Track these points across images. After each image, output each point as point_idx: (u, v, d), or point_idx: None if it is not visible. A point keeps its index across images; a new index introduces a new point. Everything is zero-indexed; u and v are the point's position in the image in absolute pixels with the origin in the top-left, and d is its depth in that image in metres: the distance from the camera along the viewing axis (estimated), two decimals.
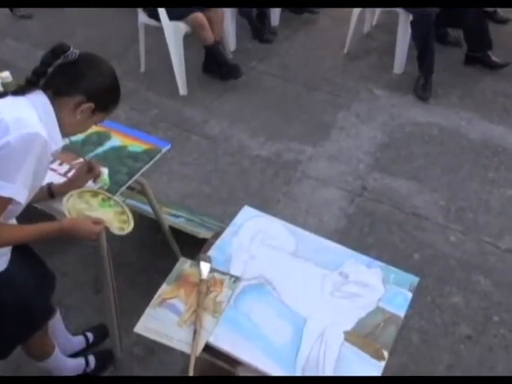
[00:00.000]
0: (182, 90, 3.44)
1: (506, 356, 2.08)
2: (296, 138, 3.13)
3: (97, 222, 1.45)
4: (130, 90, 3.38)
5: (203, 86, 3.53)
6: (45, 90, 1.33)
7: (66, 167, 1.72)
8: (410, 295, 1.38)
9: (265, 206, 2.66)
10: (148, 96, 3.43)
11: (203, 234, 2.08)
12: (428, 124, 3.25)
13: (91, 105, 1.35)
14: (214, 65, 3.52)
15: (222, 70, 3.50)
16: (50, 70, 1.33)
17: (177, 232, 2.20)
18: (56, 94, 1.33)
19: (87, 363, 1.92)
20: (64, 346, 1.88)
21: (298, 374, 1.19)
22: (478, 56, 3.63)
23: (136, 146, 1.84)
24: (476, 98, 3.45)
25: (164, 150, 1.86)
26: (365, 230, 2.58)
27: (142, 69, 3.63)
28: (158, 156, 1.83)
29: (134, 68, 3.62)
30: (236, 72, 3.49)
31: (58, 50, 1.32)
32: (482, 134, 3.18)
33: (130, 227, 1.53)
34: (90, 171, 1.59)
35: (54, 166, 1.71)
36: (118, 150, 1.82)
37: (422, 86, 3.43)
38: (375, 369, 1.22)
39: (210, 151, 3.03)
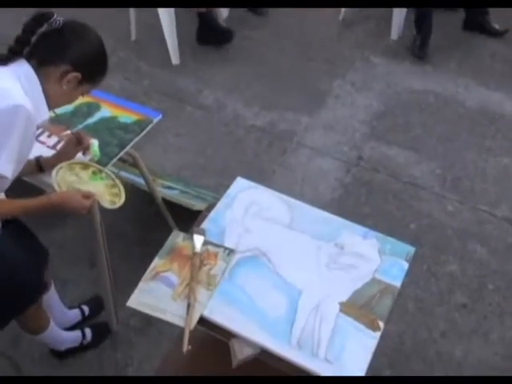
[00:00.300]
0: (175, 59, 3.36)
1: (500, 324, 2.08)
2: (291, 107, 3.08)
3: (87, 195, 1.41)
4: (120, 60, 3.30)
5: (196, 56, 3.44)
6: (28, 59, 1.27)
7: (54, 139, 1.67)
8: (406, 265, 1.36)
9: (260, 176, 2.63)
10: (139, 66, 3.35)
11: (198, 205, 2.05)
12: (425, 91, 3.19)
13: (78, 75, 1.30)
14: (208, 33, 3.42)
15: (215, 36, 3.41)
16: (33, 38, 1.27)
17: (171, 205, 2.17)
18: (40, 64, 1.28)
19: (84, 336, 1.92)
20: (60, 319, 1.87)
21: (293, 346, 1.18)
22: (477, 21, 3.54)
23: (127, 116, 1.80)
24: (473, 64, 3.38)
25: (155, 120, 1.81)
26: (361, 200, 2.56)
27: (133, 37, 3.54)
28: (150, 127, 1.78)
29: (124, 37, 3.52)
30: (229, 36, 3.41)
31: (41, 18, 1.26)
32: (479, 101, 3.12)
33: (121, 201, 1.49)
34: (78, 143, 1.55)
35: (43, 138, 1.66)
36: (108, 121, 1.77)
37: (418, 46, 3.35)
38: (370, 339, 1.21)
39: (205, 122, 2.98)
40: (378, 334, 1.21)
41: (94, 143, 1.59)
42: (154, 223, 2.31)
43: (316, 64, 3.40)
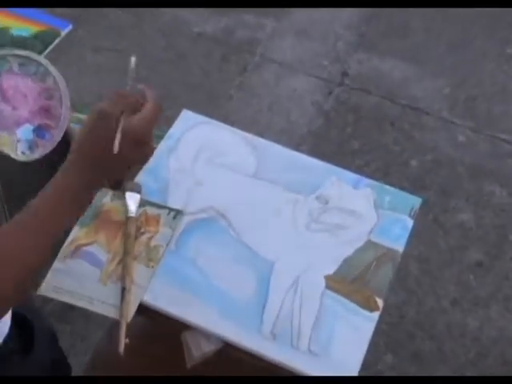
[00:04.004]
0: None
1: None
2: (251, 7, 2.96)
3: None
4: None
5: None
6: None
7: None
8: (410, 223, 1.35)
9: (213, 104, 2.57)
10: None
11: None
12: None
13: None
14: None
15: None
16: None
17: None
18: None
19: None
20: None
21: (266, 336, 1.16)
22: None
23: (23, 28, 1.68)
24: None
25: (64, 32, 1.71)
26: (347, 131, 2.54)
27: None
28: (57, 41, 1.68)
29: None
30: None
31: None
32: None
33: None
34: None
35: None
36: None
37: None
38: (367, 322, 1.20)
39: (134, 30, 2.86)
40: (375, 315, 1.20)
41: None
42: None
43: None
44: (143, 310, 1.18)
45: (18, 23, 1.70)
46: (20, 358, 1.10)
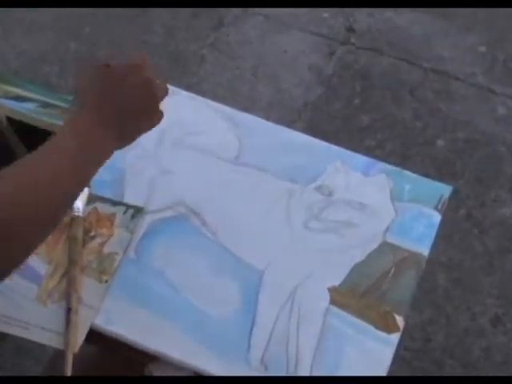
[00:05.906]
0: None
1: None
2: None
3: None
4: None
5: None
6: None
7: None
8: (438, 218, 1.36)
9: (180, 67, 2.58)
10: None
11: None
12: None
13: None
14: None
15: None
16: None
17: (26, 129, 2.08)
18: None
19: None
20: None
21: (255, 367, 1.17)
22: None
23: None
24: None
25: None
26: (355, 103, 2.56)
27: None
28: None
29: None
30: None
31: None
32: None
33: None
34: None
35: None
36: None
37: None
38: (384, 347, 1.21)
39: None
40: (395, 338, 1.21)
41: None
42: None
43: None
44: (94, 336, 1.18)
45: None
46: None
